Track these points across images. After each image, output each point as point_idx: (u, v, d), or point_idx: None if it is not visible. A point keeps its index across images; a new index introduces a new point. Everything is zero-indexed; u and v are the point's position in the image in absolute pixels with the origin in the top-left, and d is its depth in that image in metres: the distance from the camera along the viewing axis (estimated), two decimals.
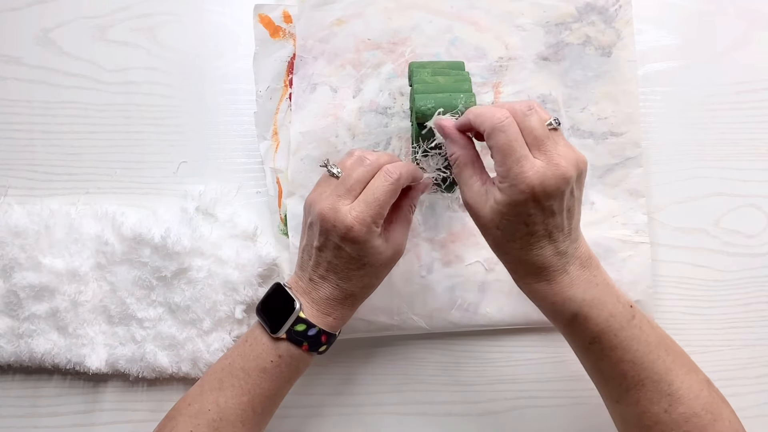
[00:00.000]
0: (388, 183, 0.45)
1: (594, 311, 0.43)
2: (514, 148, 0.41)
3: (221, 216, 0.57)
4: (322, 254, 0.46)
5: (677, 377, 0.43)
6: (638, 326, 0.44)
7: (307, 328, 0.46)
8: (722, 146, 0.60)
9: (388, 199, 0.45)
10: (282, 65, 0.59)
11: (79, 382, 0.58)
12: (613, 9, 0.58)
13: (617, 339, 0.43)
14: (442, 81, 0.50)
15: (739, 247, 0.59)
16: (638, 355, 0.43)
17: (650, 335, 0.44)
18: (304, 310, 0.46)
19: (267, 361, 0.46)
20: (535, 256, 0.43)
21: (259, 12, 0.58)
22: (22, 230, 0.56)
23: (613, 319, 0.43)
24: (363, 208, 0.44)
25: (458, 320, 0.56)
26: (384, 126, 0.58)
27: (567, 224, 0.43)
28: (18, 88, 0.60)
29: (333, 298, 0.47)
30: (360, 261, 0.46)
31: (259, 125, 0.58)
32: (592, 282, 0.44)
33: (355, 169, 0.46)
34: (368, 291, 0.48)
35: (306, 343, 0.46)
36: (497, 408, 0.57)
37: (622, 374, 0.43)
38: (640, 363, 0.43)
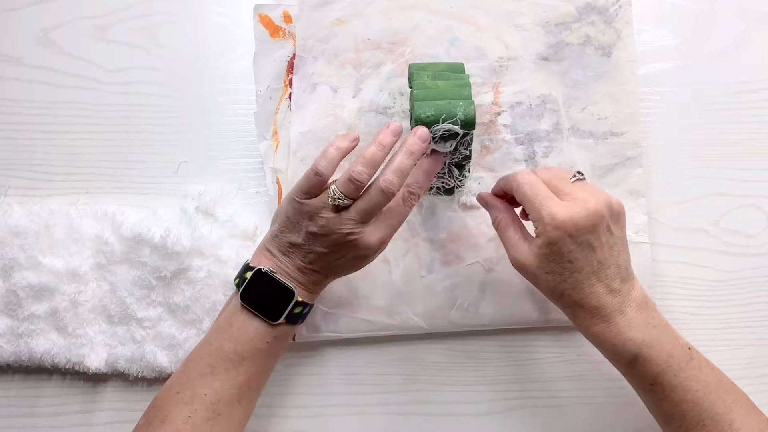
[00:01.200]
0: (409, 203, 0.48)
1: (653, 352, 0.44)
2: (539, 193, 0.45)
3: (221, 216, 0.57)
4: (325, 257, 0.48)
5: (737, 417, 0.44)
6: (697, 367, 0.45)
7: (303, 307, 0.49)
8: (722, 146, 0.60)
9: (404, 219, 0.49)
10: (282, 65, 0.59)
11: (78, 381, 0.58)
12: (613, 9, 0.58)
13: (677, 380, 0.44)
14: (443, 86, 0.50)
15: (739, 247, 0.59)
16: (698, 396, 0.44)
17: (709, 376, 0.45)
18: (298, 294, 0.48)
19: (263, 343, 0.48)
20: (588, 295, 0.45)
21: (259, 12, 0.58)
22: (22, 230, 0.56)
23: (672, 359, 0.44)
24: (386, 232, 0.48)
25: (458, 320, 0.56)
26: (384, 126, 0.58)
27: (613, 262, 0.45)
28: (18, 88, 0.60)
29: (318, 280, 0.49)
30: (346, 258, 0.48)
31: (259, 125, 0.58)
32: (650, 324, 0.45)
33: (372, 201, 0.47)
34: (350, 272, 0.50)
35: (300, 319, 0.49)
36: (497, 408, 0.57)
37: (682, 415, 0.44)
38: (700, 403, 0.44)
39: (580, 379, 0.57)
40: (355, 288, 0.56)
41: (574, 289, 0.45)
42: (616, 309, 0.45)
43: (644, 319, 0.45)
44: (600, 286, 0.45)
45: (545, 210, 0.44)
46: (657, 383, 0.44)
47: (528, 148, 0.57)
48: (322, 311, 0.56)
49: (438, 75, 0.51)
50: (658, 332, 0.45)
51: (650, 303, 0.46)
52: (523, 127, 0.58)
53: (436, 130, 0.47)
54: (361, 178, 0.46)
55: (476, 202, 0.57)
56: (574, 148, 0.57)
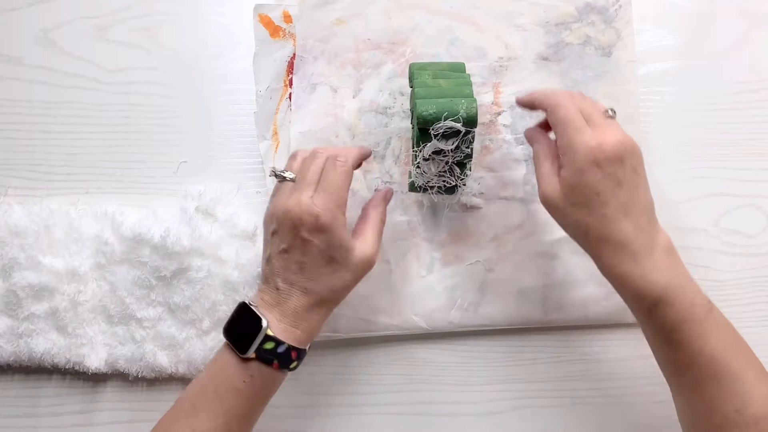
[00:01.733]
0: (340, 168, 0.47)
1: (678, 298, 0.43)
2: (573, 119, 0.44)
3: (221, 216, 0.57)
4: (290, 255, 0.46)
5: (749, 381, 0.43)
6: (716, 321, 0.44)
7: (276, 345, 0.45)
8: (722, 146, 0.60)
9: (344, 183, 0.47)
10: (282, 65, 0.59)
11: (78, 381, 0.58)
12: (613, 9, 0.59)
13: (697, 330, 0.43)
14: (444, 84, 0.50)
15: (739, 247, 0.59)
16: (717, 351, 0.43)
17: (727, 333, 0.44)
18: (271, 327, 0.45)
19: (239, 382, 0.45)
20: (616, 230, 0.44)
21: (259, 12, 0.59)
22: (22, 230, 0.56)
23: (694, 309, 0.43)
24: (325, 196, 0.46)
25: (458, 320, 0.56)
26: (384, 126, 0.58)
27: (639, 201, 0.44)
28: (18, 88, 0.60)
29: (301, 306, 0.46)
30: (328, 254, 0.46)
31: (259, 125, 0.58)
32: (674, 270, 0.44)
33: (309, 164, 0.47)
34: (336, 296, 0.47)
35: (276, 360, 0.45)
36: (497, 408, 0.57)
37: (698, 367, 0.43)
38: (717, 358, 0.43)
39: (580, 379, 0.57)
40: (355, 288, 0.56)
41: (601, 223, 0.44)
42: (644, 247, 0.44)
43: (670, 265, 0.44)
44: (627, 222, 0.44)
45: (578, 137, 0.44)
46: (676, 331, 0.43)
47: (528, 148, 0.57)
48: None
49: (439, 74, 0.51)
50: (682, 281, 0.44)
51: (676, 252, 0.45)
52: (524, 127, 0.57)
53: (438, 128, 0.47)
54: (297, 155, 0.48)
55: (477, 202, 0.57)
56: None
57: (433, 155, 0.49)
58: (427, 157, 0.49)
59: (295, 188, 0.47)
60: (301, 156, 0.49)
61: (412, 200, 0.57)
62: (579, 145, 0.43)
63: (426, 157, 0.49)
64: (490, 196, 0.57)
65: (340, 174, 0.47)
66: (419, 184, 0.51)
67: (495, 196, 0.57)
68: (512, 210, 0.57)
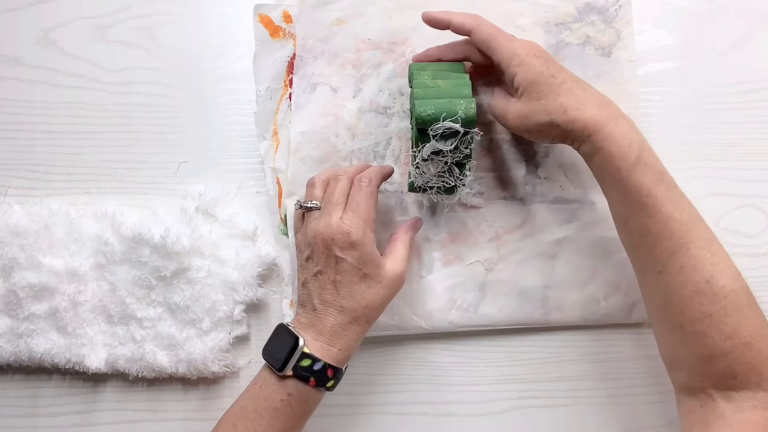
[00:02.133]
0: (364, 188, 0.48)
1: (652, 158, 0.45)
2: (500, 31, 0.50)
3: (221, 216, 0.57)
4: (325, 276, 0.47)
5: (718, 250, 0.44)
6: (681, 193, 0.46)
7: (313, 362, 0.46)
8: (722, 146, 0.60)
9: (370, 202, 0.48)
10: (282, 65, 0.59)
11: (78, 381, 0.58)
12: (613, 9, 0.58)
13: (669, 194, 0.45)
14: (443, 85, 0.50)
15: (739, 247, 0.59)
16: (685, 217, 0.44)
17: (690, 205, 0.46)
18: (308, 345, 0.46)
19: (277, 401, 0.46)
20: (587, 98, 0.47)
21: (259, 12, 0.58)
22: (22, 230, 0.56)
23: (665, 174, 0.46)
24: (353, 215, 0.47)
25: (458, 320, 0.56)
26: (384, 126, 0.58)
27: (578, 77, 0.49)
28: (18, 88, 0.60)
29: (337, 324, 0.47)
30: (361, 270, 0.47)
31: (259, 125, 0.58)
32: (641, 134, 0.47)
33: (333, 187, 0.49)
34: (372, 313, 0.48)
35: (313, 378, 0.46)
36: (497, 408, 0.57)
37: (669, 234, 0.44)
38: (686, 224, 0.44)
39: (580, 379, 0.57)
40: None
41: (571, 97, 0.47)
42: (617, 110, 0.47)
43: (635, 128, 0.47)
44: (590, 89, 0.48)
45: (513, 43, 0.48)
46: (651, 195, 0.44)
47: (528, 148, 0.57)
48: None
49: (438, 74, 0.51)
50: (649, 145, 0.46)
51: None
52: None
53: (437, 128, 0.47)
54: (315, 181, 0.51)
55: (477, 202, 0.57)
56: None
57: (432, 155, 0.49)
58: (426, 157, 0.49)
59: (323, 212, 0.48)
60: (320, 181, 0.51)
61: (411, 200, 0.57)
62: (518, 47, 0.48)
63: (425, 158, 0.49)
64: (490, 196, 0.57)
65: (366, 194, 0.48)
66: (419, 184, 0.51)
67: (495, 196, 0.57)
68: (512, 210, 0.57)
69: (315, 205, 0.49)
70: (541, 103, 0.47)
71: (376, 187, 0.50)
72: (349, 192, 0.49)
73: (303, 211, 0.51)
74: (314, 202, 0.50)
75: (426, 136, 0.48)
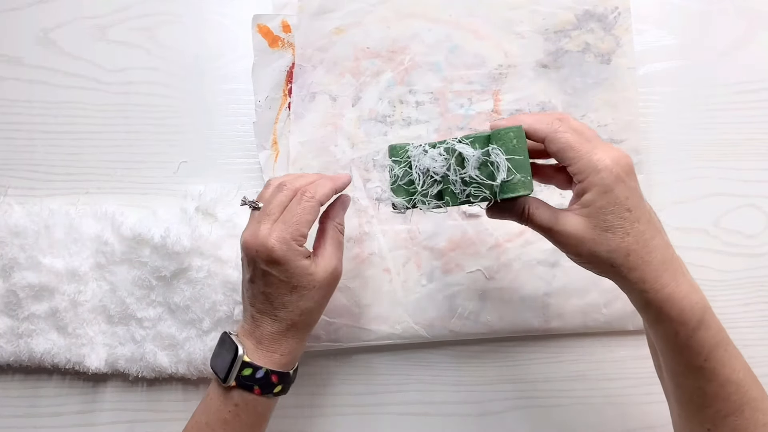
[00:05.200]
0: (304, 201, 0.46)
1: (713, 319, 0.41)
2: (581, 141, 0.40)
3: (221, 216, 0.57)
4: (255, 285, 0.46)
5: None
6: (734, 346, 0.42)
7: (254, 370, 0.45)
8: (722, 146, 0.60)
9: (306, 216, 0.46)
10: (281, 75, 0.58)
11: (78, 381, 0.58)
12: (612, 16, 0.58)
13: (727, 355, 0.41)
14: None
15: (739, 247, 0.59)
16: (740, 377, 0.41)
17: (742, 358, 0.42)
18: (248, 353, 0.45)
19: (226, 413, 0.45)
20: (655, 249, 0.40)
21: (257, 22, 0.58)
22: (22, 230, 0.56)
23: (723, 332, 0.41)
24: (281, 228, 0.45)
25: (459, 329, 0.56)
26: (383, 134, 0.58)
27: (653, 212, 0.42)
28: (18, 88, 0.60)
29: (275, 331, 0.46)
30: (290, 284, 0.45)
31: (258, 135, 0.58)
32: (697, 287, 0.41)
33: (274, 196, 0.47)
34: (310, 317, 0.47)
35: (256, 386, 0.45)
36: (497, 408, 0.57)
37: (725, 397, 0.41)
38: (742, 385, 0.41)
39: (579, 379, 0.57)
40: (355, 297, 0.56)
41: (639, 242, 0.40)
42: (679, 267, 0.41)
43: (693, 281, 0.41)
44: (660, 237, 0.41)
45: (594, 157, 0.39)
46: (711, 358, 0.40)
47: None
48: (323, 320, 0.56)
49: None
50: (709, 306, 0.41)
51: None
52: None
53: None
54: (273, 182, 0.47)
55: (475, 211, 0.56)
56: None
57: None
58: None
59: (254, 219, 0.46)
60: (273, 185, 0.48)
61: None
62: (599, 163, 0.39)
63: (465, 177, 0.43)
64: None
65: (304, 208, 0.46)
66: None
67: None
68: None
69: (255, 206, 0.47)
70: (605, 235, 0.40)
71: (318, 203, 0.47)
72: (287, 204, 0.46)
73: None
74: (257, 203, 0.47)
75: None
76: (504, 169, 0.40)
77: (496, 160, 0.40)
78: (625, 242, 0.40)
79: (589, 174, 0.40)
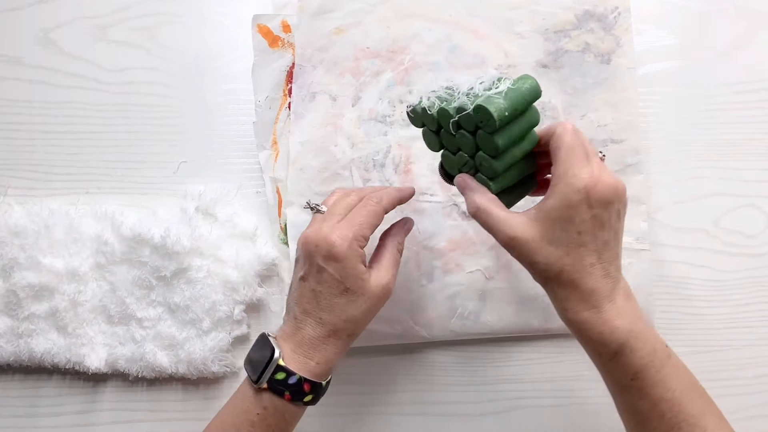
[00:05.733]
0: (369, 205, 0.47)
1: (639, 344, 0.42)
2: (582, 153, 0.41)
3: (221, 216, 0.57)
4: (306, 284, 0.46)
5: (710, 424, 0.42)
6: (674, 365, 0.43)
7: (287, 376, 0.44)
8: (722, 146, 0.60)
9: (371, 220, 0.46)
10: (281, 75, 0.58)
11: (78, 381, 0.58)
12: (612, 16, 0.58)
13: (659, 376, 0.42)
14: None
15: (739, 247, 0.59)
16: (676, 395, 0.42)
17: (684, 376, 0.43)
18: (284, 357, 0.45)
19: (253, 414, 0.45)
20: (587, 275, 0.42)
21: (257, 22, 0.58)
22: (22, 230, 0.56)
23: (655, 354, 0.42)
24: (345, 226, 0.45)
25: (459, 329, 0.56)
26: (383, 134, 0.58)
27: (614, 246, 0.43)
28: (18, 88, 0.60)
29: (316, 336, 0.45)
30: (343, 284, 0.45)
31: (258, 135, 0.58)
32: (635, 314, 0.43)
33: (341, 200, 0.48)
34: (353, 326, 0.46)
35: (287, 392, 0.44)
36: (497, 408, 0.57)
37: (660, 415, 0.42)
38: (678, 404, 0.42)
39: (579, 379, 0.57)
40: None
41: (575, 265, 0.42)
42: (607, 295, 0.42)
43: (631, 308, 0.43)
44: (599, 267, 0.42)
45: (579, 169, 0.41)
46: (638, 378, 0.42)
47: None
48: None
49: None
50: (643, 326, 0.43)
51: (634, 297, 0.45)
52: None
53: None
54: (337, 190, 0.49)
55: None
56: None
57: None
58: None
59: (319, 218, 0.47)
60: (341, 192, 0.49)
61: (411, 209, 0.57)
62: (576, 177, 0.41)
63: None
64: None
65: (368, 210, 0.47)
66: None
67: None
68: None
69: (318, 208, 0.48)
70: (548, 248, 0.42)
71: (383, 209, 0.47)
72: (353, 207, 0.47)
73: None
74: (321, 206, 0.48)
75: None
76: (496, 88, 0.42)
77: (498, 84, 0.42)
78: (562, 260, 0.42)
79: (563, 182, 0.41)
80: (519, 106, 0.42)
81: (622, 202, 0.42)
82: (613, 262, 0.43)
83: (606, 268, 0.42)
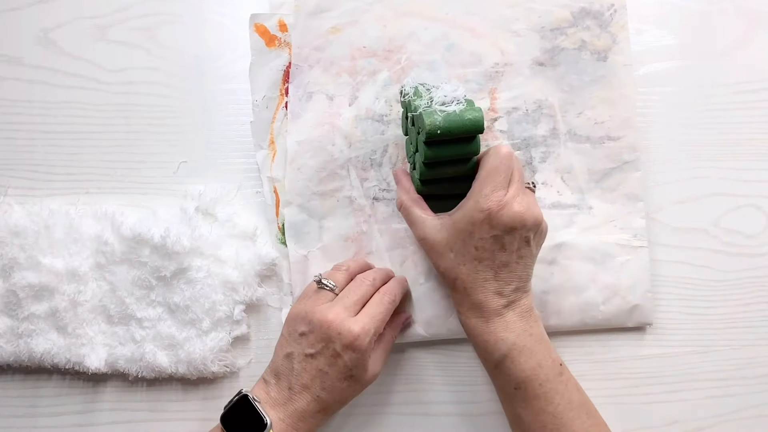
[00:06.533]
0: (387, 301, 0.50)
1: (523, 357, 0.45)
2: (498, 174, 0.45)
3: (221, 216, 0.57)
4: (314, 362, 0.47)
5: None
6: (564, 383, 0.45)
7: None
8: (722, 146, 0.60)
9: (387, 316, 0.49)
10: (278, 74, 0.58)
11: (78, 381, 0.58)
12: (608, 13, 0.58)
13: (541, 389, 0.45)
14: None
15: (739, 247, 0.59)
16: (559, 410, 0.44)
17: (574, 395, 0.46)
18: (273, 427, 0.45)
19: None
20: (478, 288, 0.46)
21: (255, 21, 0.58)
22: (22, 230, 0.56)
23: (540, 369, 0.45)
24: (368, 320, 0.47)
25: (457, 327, 0.56)
26: (381, 133, 0.58)
27: (515, 269, 0.45)
28: (18, 88, 0.60)
29: (308, 410, 0.46)
30: (350, 372, 0.47)
31: (255, 134, 0.58)
32: (527, 331, 0.46)
33: (357, 288, 0.50)
34: (340, 406, 0.49)
35: None
36: (497, 408, 0.57)
37: (541, 426, 0.45)
38: (560, 417, 0.44)
39: (579, 379, 0.57)
40: None
41: (469, 276, 0.46)
42: (495, 310, 0.46)
43: (523, 325, 0.46)
44: (493, 284, 0.46)
45: (491, 192, 0.44)
46: (520, 388, 0.45)
47: (525, 154, 0.57)
48: None
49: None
50: (534, 341, 0.45)
51: (535, 315, 0.47)
52: (520, 133, 0.58)
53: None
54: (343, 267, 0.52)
55: None
56: (571, 153, 0.57)
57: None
58: (429, 178, 0.49)
59: (338, 303, 0.48)
60: (348, 272, 0.51)
61: None
62: (485, 198, 0.44)
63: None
64: None
65: (387, 309, 0.49)
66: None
67: None
68: None
69: (331, 287, 0.49)
70: (449, 254, 0.47)
71: (396, 304, 0.51)
72: (368, 299, 0.49)
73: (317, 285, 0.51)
74: (333, 284, 0.50)
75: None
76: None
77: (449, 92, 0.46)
78: (457, 269, 0.46)
79: (473, 198, 0.45)
80: (454, 131, 0.45)
81: (529, 230, 0.45)
82: (511, 283, 0.46)
83: (501, 287, 0.46)
